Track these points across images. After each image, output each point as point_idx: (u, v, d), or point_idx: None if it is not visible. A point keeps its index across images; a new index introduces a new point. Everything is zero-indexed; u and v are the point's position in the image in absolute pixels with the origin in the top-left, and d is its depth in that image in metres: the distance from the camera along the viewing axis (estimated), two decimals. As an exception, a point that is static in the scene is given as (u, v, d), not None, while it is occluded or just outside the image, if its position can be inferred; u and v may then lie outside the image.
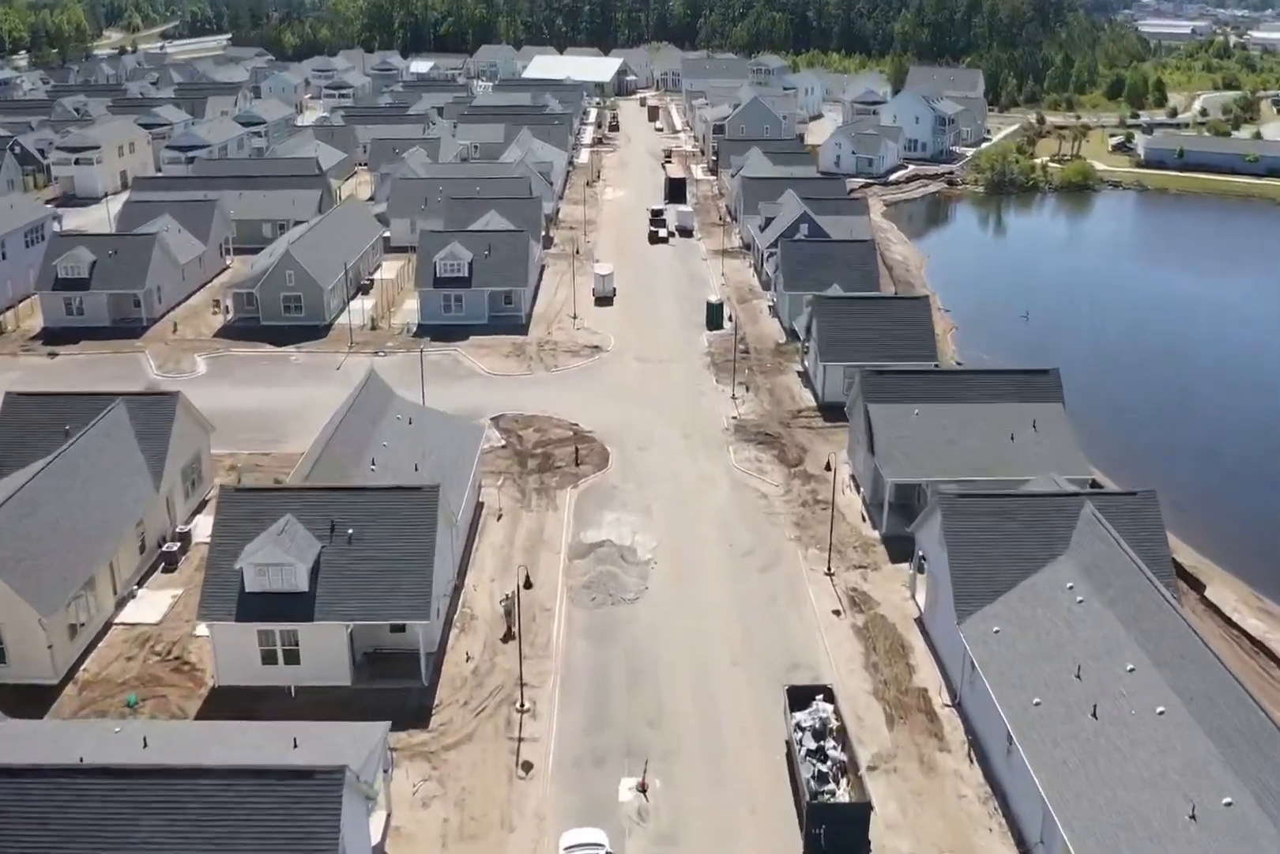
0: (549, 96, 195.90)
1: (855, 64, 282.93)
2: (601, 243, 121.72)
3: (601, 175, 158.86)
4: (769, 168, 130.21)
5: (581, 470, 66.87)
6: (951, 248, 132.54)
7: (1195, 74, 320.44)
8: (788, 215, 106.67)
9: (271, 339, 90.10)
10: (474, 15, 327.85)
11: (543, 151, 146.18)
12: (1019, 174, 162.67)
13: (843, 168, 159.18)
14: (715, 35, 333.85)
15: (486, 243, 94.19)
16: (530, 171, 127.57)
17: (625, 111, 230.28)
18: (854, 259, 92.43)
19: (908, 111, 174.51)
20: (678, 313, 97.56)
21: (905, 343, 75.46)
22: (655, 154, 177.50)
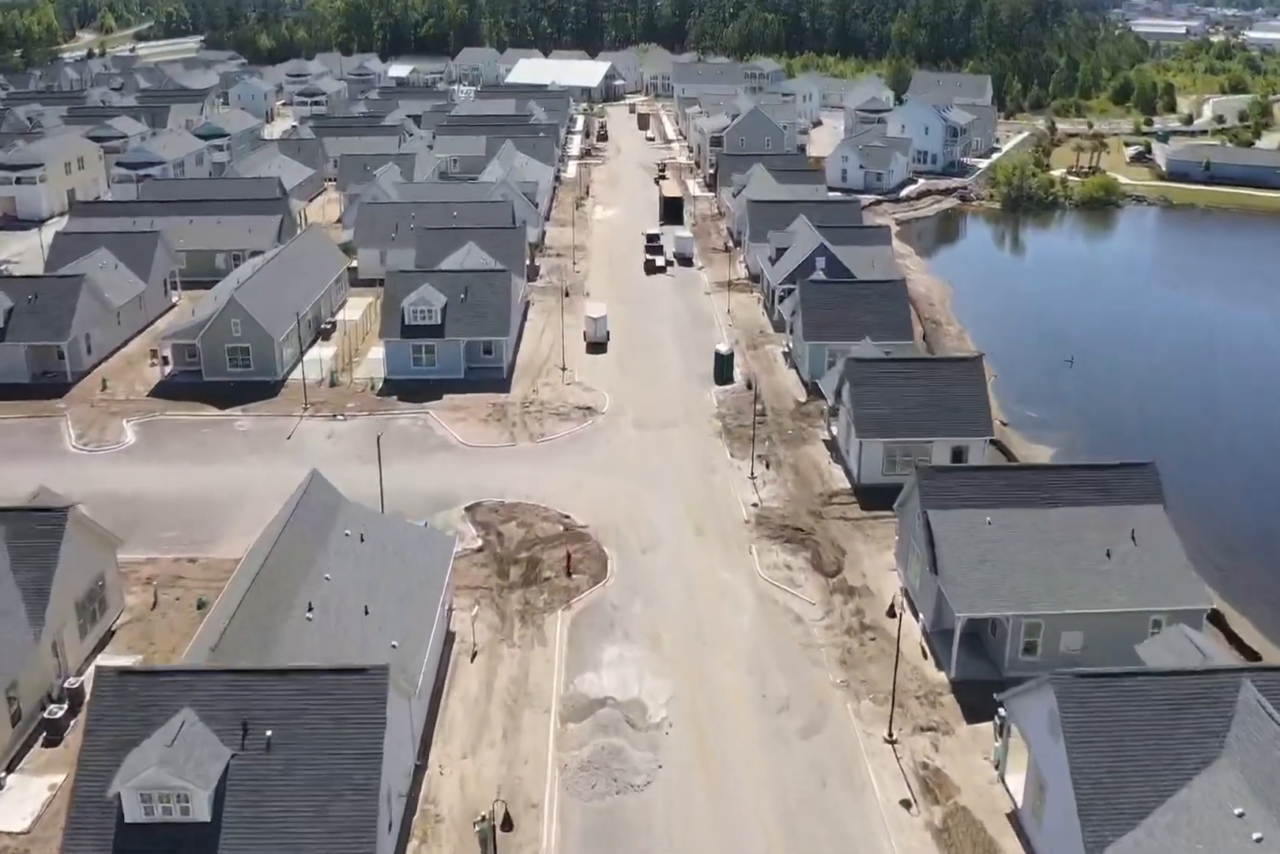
0: (533, 104, 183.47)
1: (852, 67, 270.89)
2: (592, 273, 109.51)
3: (590, 192, 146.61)
4: (775, 187, 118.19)
5: (575, 582, 54.80)
6: (974, 274, 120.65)
7: (1199, 76, 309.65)
8: (801, 246, 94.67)
9: (215, 399, 77.62)
10: (456, 16, 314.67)
11: (527, 168, 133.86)
12: (1037, 189, 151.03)
13: (849, 182, 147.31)
14: (705, 37, 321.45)
15: (463, 285, 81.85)
16: (513, 192, 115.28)
17: (614, 118, 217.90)
18: (883, 303, 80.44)
19: (916, 121, 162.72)
20: (680, 361, 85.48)
21: (956, 416, 63.56)
22: (647, 166, 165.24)
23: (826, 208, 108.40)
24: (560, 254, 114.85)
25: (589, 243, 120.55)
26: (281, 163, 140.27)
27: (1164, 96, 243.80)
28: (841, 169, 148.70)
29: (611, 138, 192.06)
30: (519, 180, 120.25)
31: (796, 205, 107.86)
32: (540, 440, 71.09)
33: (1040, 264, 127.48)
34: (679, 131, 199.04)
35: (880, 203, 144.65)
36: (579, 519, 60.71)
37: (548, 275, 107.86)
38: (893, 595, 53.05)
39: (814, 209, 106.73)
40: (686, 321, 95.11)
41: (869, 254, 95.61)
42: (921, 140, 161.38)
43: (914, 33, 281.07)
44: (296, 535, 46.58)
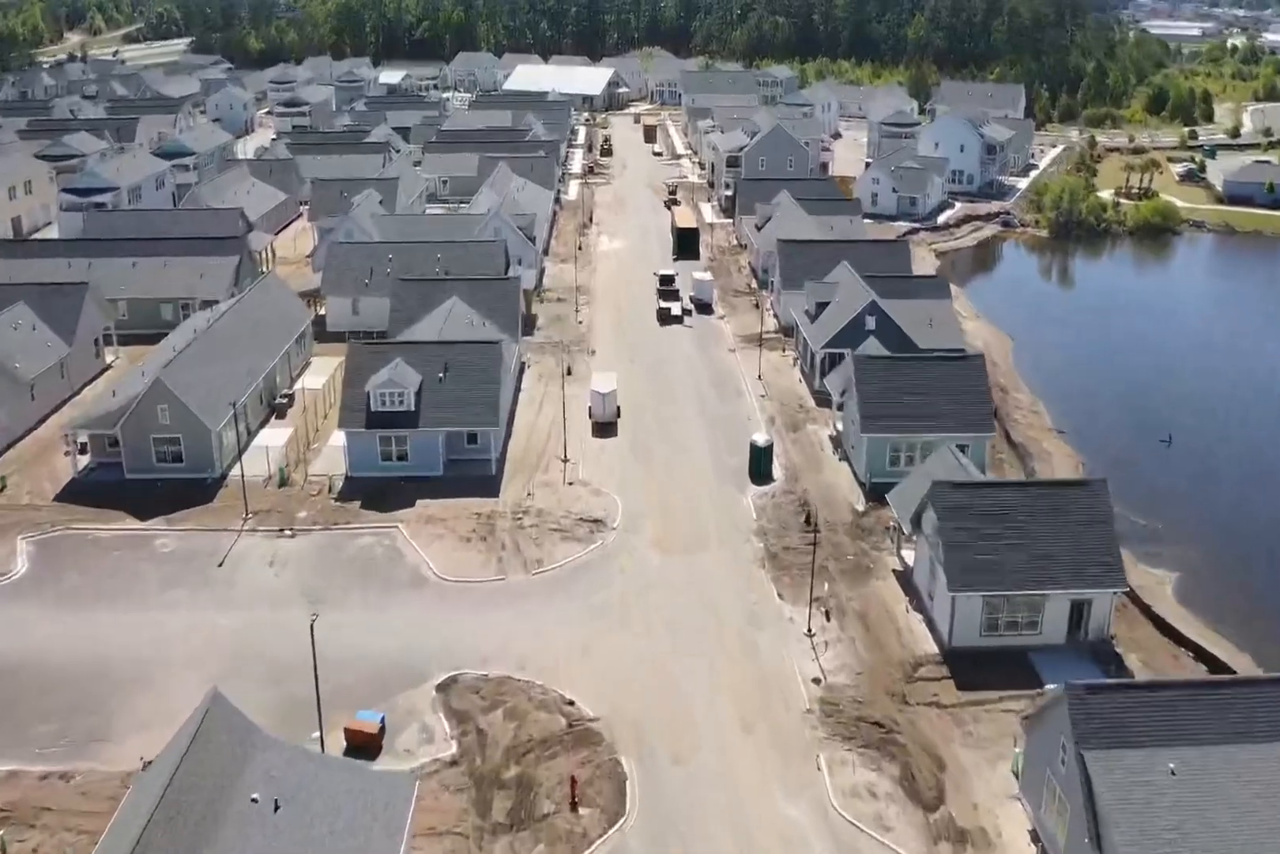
0: (531, 117, 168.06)
1: (867, 73, 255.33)
2: (598, 323, 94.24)
3: (594, 218, 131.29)
4: (804, 220, 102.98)
5: (582, 821, 39.76)
6: (1033, 319, 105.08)
7: (1227, 82, 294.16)
8: (847, 301, 79.51)
9: (136, 504, 62.49)
10: (451, 19, 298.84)
11: (523, 194, 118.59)
12: (1087, 215, 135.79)
13: (881, 208, 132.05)
14: (712, 40, 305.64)
15: (443, 360, 66.71)
16: (507, 227, 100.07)
17: (618, 130, 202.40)
18: (957, 384, 65.30)
19: (951, 138, 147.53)
20: (706, 447, 70.31)
21: (1079, 559, 48.49)
22: (656, 186, 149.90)
23: (870, 250, 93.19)
24: (561, 298, 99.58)
25: (593, 283, 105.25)
26: (251, 187, 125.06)
27: (1201, 105, 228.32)
28: (872, 193, 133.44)
29: (616, 152, 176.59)
30: (514, 212, 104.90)
31: (835, 247, 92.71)
32: (536, 571, 55.92)
33: (1105, 305, 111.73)
34: (688, 144, 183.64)
35: (916, 231, 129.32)
36: (586, 706, 45.64)
37: (546, 327, 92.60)
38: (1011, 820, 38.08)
39: (856, 251, 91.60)
40: (710, 389, 79.91)
41: (925, 310, 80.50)
42: (956, 159, 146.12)
43: (931, 36, 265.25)
44: (177, 807, 31.53)
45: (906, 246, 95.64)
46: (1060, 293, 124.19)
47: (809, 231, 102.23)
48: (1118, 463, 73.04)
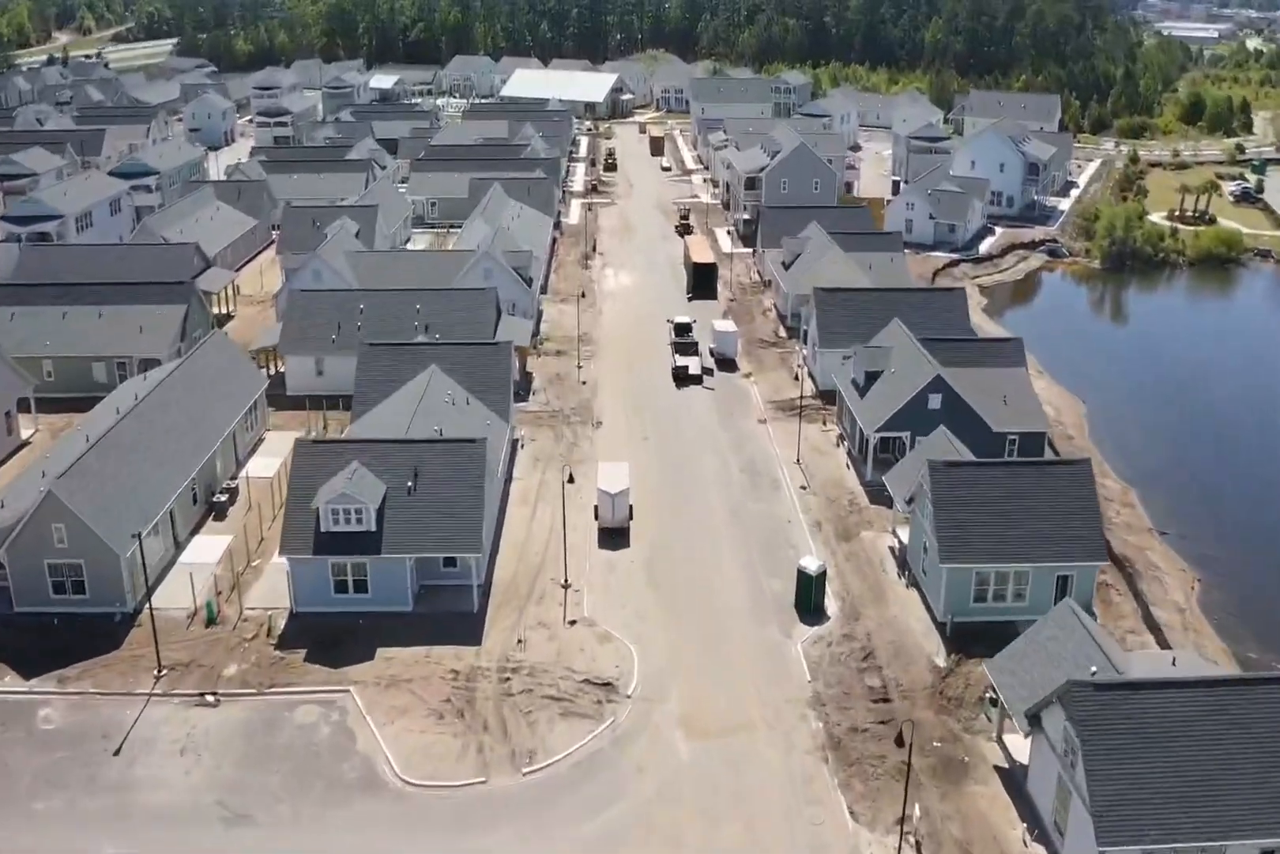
0: (529, 129, 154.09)
1: (884, 79, 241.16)
2: (604, 383, 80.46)
3: (598, 247, 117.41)
4: (840, 262, 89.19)
5: None
6: (1101, 372, 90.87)
7: (1256, 88, 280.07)
8: (906, 374, 65.81)
9: (21, 651, 48.93)
10: (447, 21, 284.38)
11: (519, 222, 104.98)
12: (1144, 244, 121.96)
13: (916, 236, 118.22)
14: (719, 42, 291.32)
15: (413, 464, 53.07)
16: (499, 267, 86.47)
17: (623, 141, 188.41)
18: (1061, 498, 51.59)
19: (990, 156, 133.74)
20: (741, 564, 56.50)
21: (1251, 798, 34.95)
22: (665, 208, 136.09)
23: (922, 300, 79.45)
24: (561, 351, 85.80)
25: (598, 329, 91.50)
26: (216, 212, 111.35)
27: (1239, 114, 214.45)
28: (906, 219, 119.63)
29: (621, 167, 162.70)
30: (508, 248, 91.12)
31: (881, 298, 79.01)
32: (527, 770, 42.29)
33: (1182, 351, 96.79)
34: (698, 158, 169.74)
35: (957, 263, 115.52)
36: None
37: (544, 389, 78.82)
38: None
39: (906, 303, 78.04)
40: (739, 477, 66.16)
41: (998, 382, 66.94)
42: (995, 179, 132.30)
43: (950, 40, 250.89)
44: None
45: (964, 295, 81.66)
46: (1126, 336, 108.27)
47: (845, 273, 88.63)
48: (1241, 579, 59.52)
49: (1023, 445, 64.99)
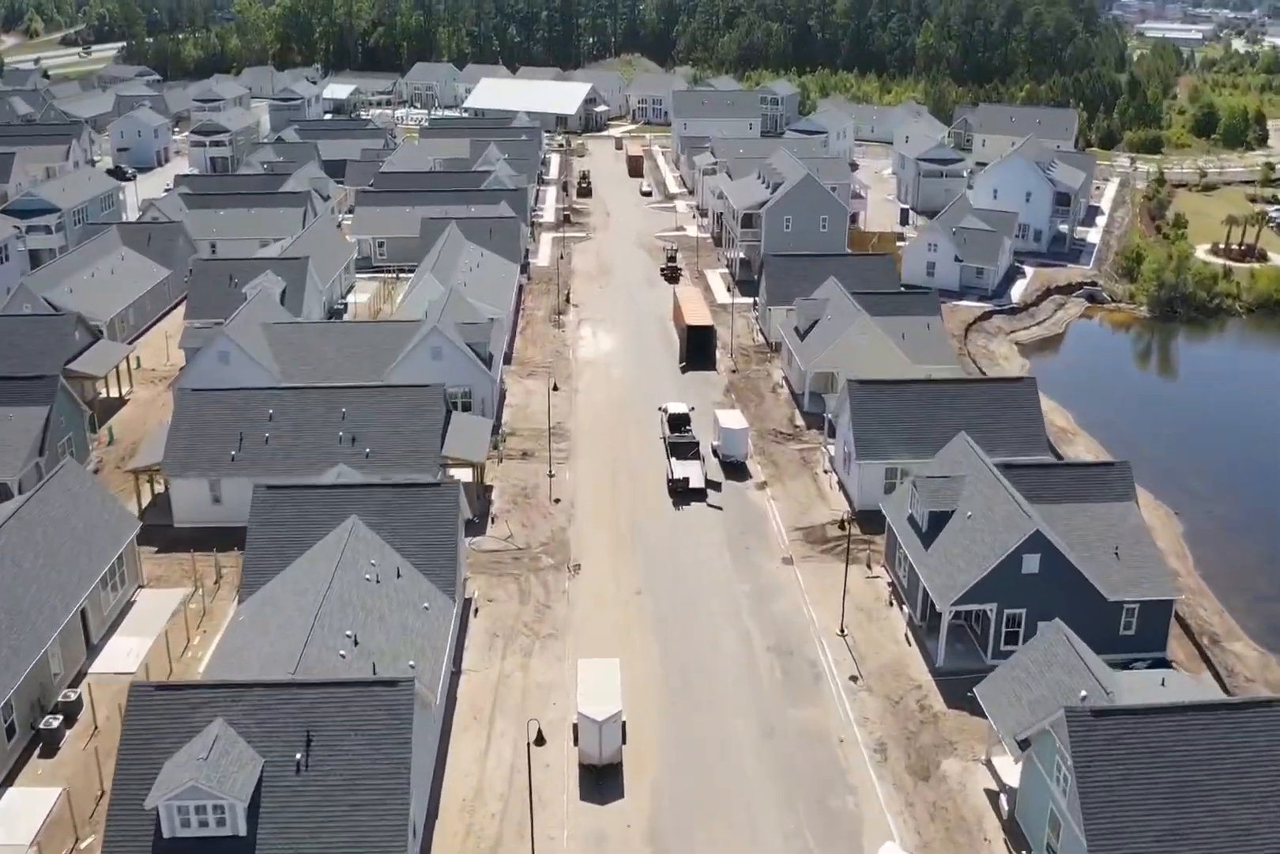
0: (494, 150, 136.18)
1: (875, 87, 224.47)
2: (581, 499, 62.94)
3: (572, 298, 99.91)
4: (869, 333, 72.14)
5: None
6: (1194, 468, 73.97)
7: (1256, 95, 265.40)
8: (990, 524, 48.59)
9: None
10: (409, 25, 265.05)
11: (480, 273, 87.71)
12: (1196, 288, 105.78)
13: (940, 280, 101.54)
14: (696, 47, 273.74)
15: (304, 723, 35.59)
16: (452, 345, 69.03)
17: (597, 157, 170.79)
18: (1236, 750, 34.98)
19: (1015, 184, 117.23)
20: (785, 840, 39.59)
21: None
22: (648, 243, 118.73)
23: (985, 397, 62.34)
24: (527, 453, 68.25)
25: (574, 419, 73.83)
26: (120, 261, 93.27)
27: (1254, 126, 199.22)
28: (928, 262, 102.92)
29: (596, 191, 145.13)
30: (464, 319, 73.48)
31: (933, 394, 62.09)
32: None
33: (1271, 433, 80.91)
34: (681, 180, 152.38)
35: (989, 315, 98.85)
36: None
37: (506, 512, 61.24)
38: None
39: (964, 400, 61.37)
40: (767, 662, 48.65)
41: (1102, 525, 50.21)
42: (1021, 210, 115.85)
43: (943, 46, 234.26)
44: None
45: (1033, 388, 64.72)
46: (1205, 409, 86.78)
47: (875, 349, 71.92)
48: None
49: (1143, 617, 48.32)
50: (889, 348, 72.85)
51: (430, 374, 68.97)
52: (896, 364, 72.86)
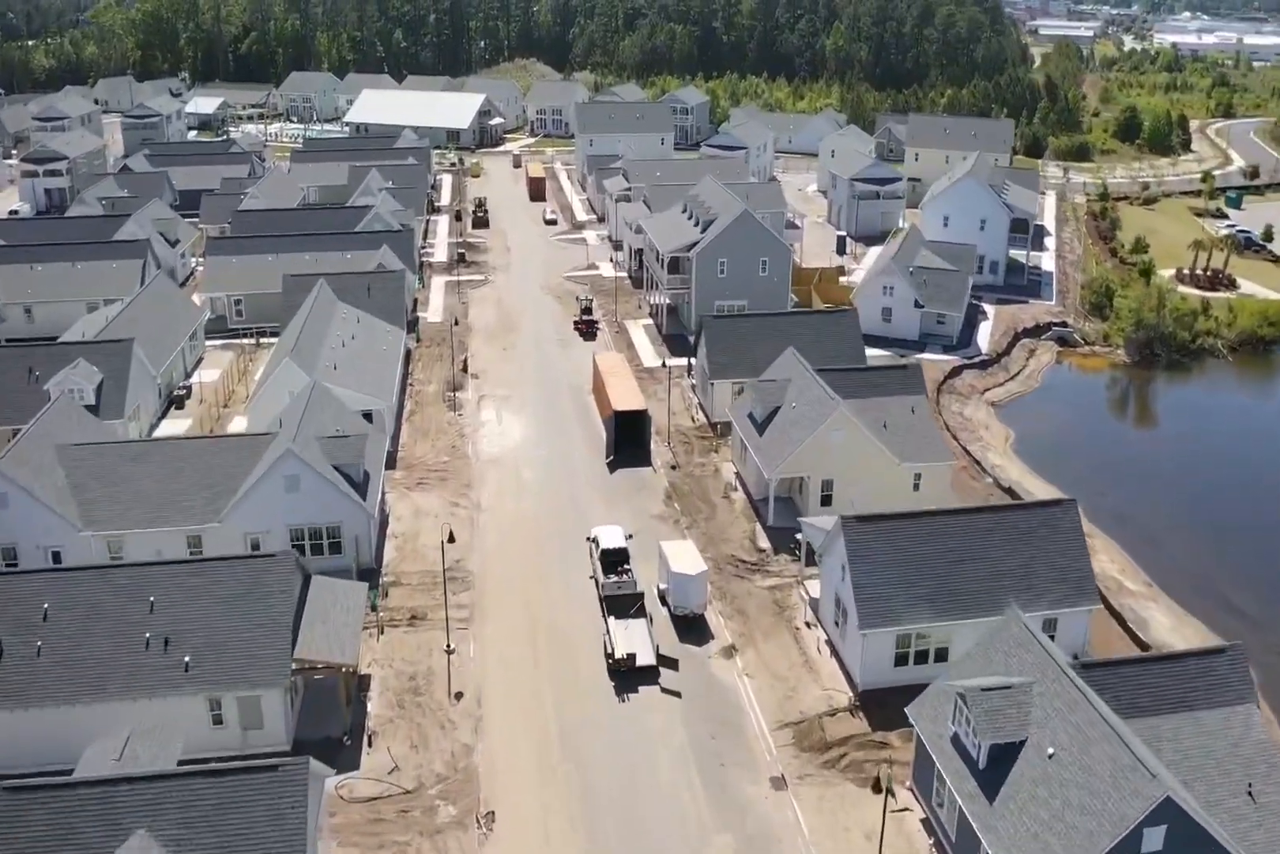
0: (376, 177, 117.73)
1: (785, 93, 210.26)
2: (491, 692, 45.78)
3: (470, 366, 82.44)
4: (852, 431, 56.84)
5: None
6: (1225, 570, 60.48)
7: (1162, 94, 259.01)
8: (1046, 730, 33.65)
9: None
10: (284, 30, 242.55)
11: (354, 351, 70.37)
12: (1176, 327, 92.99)
13: (897, 329, 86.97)
14: (595, 50, 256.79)
15: None
16: (311, 476, 51.61)
17: (494, 179, 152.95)
18: None
19: (967, 211, 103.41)
20: None
21: None
22: (556, 286, 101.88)
23: (1016, 530, 47.00)
24: (417, 617, 50.97)
25: (477, 555, 56.36)
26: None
27: (1178, 130, 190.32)
28: (883, 308, 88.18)
29: (494, 219, 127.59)
30: (330, 426, 56.15)
31: (949, 528, 46.65)
32: None
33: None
34: (589, 204, 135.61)
35: (959, 371, 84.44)
36: None
37: (385, 728, 43.94)
38: None
39: (998, 536, 46.32)
40: None
41: (1223, 752, 35.48)
42: (975, 238, 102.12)
43: (854, 48, 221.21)
44: None
45: (1074, 515, 49.77)
46: (1227, 486, 71.80)
47: (856, 448, 56.71)
48: None
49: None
50: (873, 446, 57.63)
51: (284, 511, 51.87)
52: (883, 466, 57.84)
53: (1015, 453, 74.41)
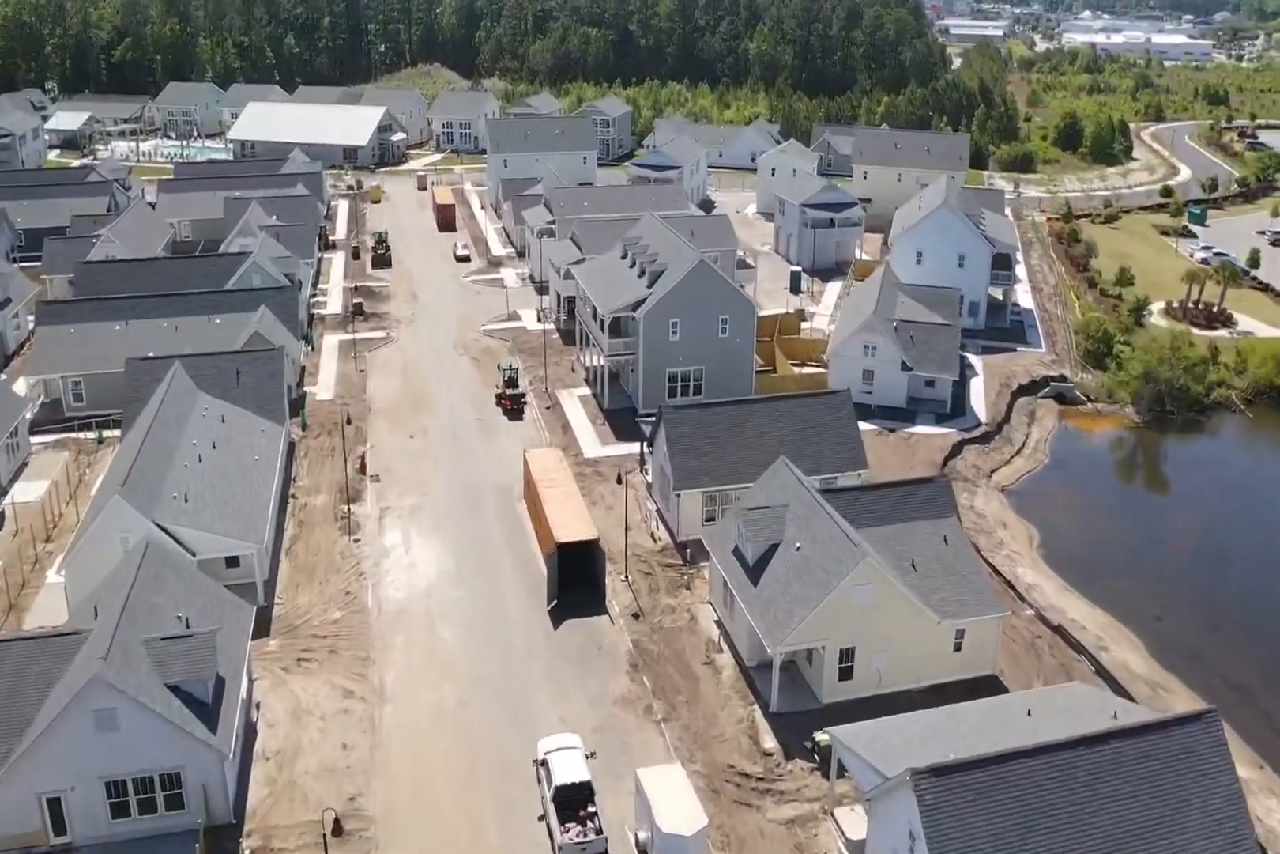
0: (258, 211, 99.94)
1: (710, 101, 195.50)
2: None
3: (370, 464, 66.04)
4: (887, 592, 42.32)
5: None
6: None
7: (1086, 97, 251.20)
8: None
9: None
10: (162, 36, 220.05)
11: (212, 486, 54.37)
12: (1185, 377, 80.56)
13: (880, 395, 72.74)
14: (504, 56, 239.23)
15: None
16: (131, 710, 35.16)
17: (396, 201, 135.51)
18: None
19: (944, 246, 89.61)
20: None
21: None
22: (473, 346, 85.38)
23: (1126, 782, 33.21)
24: None
25: (378, 789, 40.05)
26: None
27: (1120, 137, 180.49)
28: (864, 370, 73.93)
29: (398, 255, 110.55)
30: (157, 625, 39.62)
31: (1062, 772, 32.33)
32: None
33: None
34: (504, 234, 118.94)
35: (960, 448, 70.62)
36: None
37: None
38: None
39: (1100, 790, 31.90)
40: None
41: None
42: (953, 278, 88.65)
43: (779, 52, 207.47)
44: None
45: (1219, 729, 35.92)
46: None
47: (889, 609, 42.18)
48: None
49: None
50: (907, 604, 43.11)
51: (96, 759, 35.60)
52: (918, 626, 43.44)
53: (1043, 559, 60.70)
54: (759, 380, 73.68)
